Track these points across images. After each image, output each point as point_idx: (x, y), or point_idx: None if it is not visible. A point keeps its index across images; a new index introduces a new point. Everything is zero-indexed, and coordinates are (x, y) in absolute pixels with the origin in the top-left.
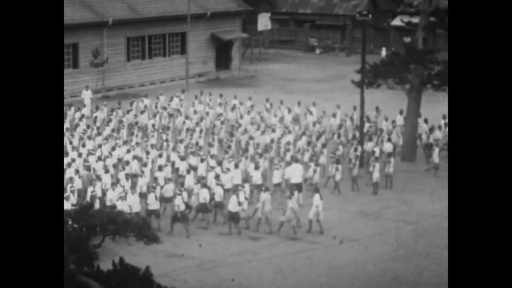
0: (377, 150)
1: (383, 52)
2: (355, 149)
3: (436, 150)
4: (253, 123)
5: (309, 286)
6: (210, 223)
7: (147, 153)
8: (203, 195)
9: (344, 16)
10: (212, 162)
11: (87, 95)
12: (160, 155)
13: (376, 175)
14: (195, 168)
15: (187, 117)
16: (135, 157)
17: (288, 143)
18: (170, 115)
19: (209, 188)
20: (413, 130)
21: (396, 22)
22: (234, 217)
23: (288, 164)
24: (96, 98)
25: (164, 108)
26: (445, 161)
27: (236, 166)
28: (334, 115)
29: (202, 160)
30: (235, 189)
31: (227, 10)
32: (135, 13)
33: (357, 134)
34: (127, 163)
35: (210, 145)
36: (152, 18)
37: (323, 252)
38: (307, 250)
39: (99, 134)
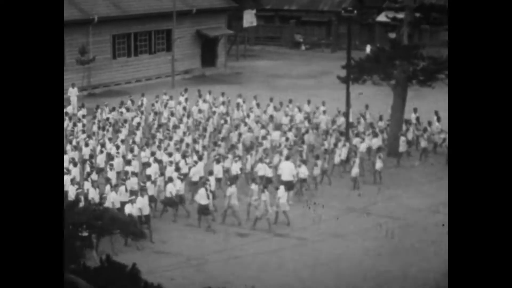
0: (363, 145)
1: (368, 48)
2: (344, 145)
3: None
4: (258, 121)
5: (296, 282)
6: (176, 216)
7: (131, 150)
8: (169, 189)
9: (329, 12)
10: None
11: (73, 93)
12: (132, 151)
13: (355, 170)
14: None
15: (172, 114)
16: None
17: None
18: (156, 113)
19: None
20: (399, 125)
21: (381, 18)
22: (203, 210)
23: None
24: (82, 95)
25: (153, 105)
26: (435, 157)
27: (200, 158)
28: (324, 112)
29: (184, 157)
30: (203, 182)
31: (213, 7)
32: (120, 10)
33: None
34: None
35: (216, 144)
36: (138, 15)
37: (310, 248)
38: (293, 246)
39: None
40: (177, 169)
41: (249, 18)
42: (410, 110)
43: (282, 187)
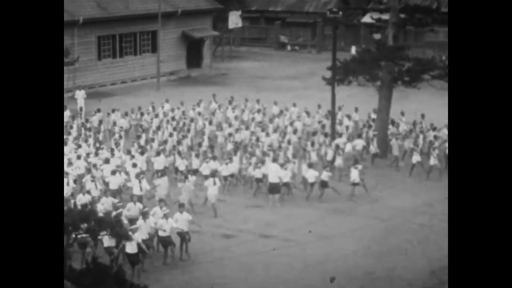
0: (348, 146)
1: (353, 49)
2: (329, 146)
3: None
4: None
5: (282, 284)
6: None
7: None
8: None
9: (315, 14)
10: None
11: (79, 95)
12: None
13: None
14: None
15: (157, 116)
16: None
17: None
18: (142, 114)
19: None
20: (384, 126)
21: (366, 19)
22: (114, 194)
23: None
24: (67, 97)
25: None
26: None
27: (142, 153)
28: (308, 114)
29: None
30: (139, 175)
31: (198, 8)
32: (105, 11)
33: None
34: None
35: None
36: (123, 16)
37: (296, 249)
38: (280, 248)
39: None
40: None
41: (235, 19)
42: (395, 111)
43: (211, 179)
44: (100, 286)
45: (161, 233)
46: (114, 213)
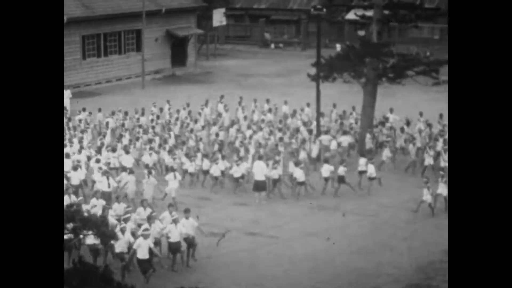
0: (333, 143)
1: (338, 47)
2: (314, 143)
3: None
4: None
5: (269, 281)
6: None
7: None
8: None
9: (299, 11)
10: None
11: (65, 95)
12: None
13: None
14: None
15: (143, 114)
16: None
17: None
18: (126, 113)
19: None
20: (369, 122)
21: (350, 15)
22: (105, 196)
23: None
24: None
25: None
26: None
27: (127, 152)
28: (295, 112)
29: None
30: (106, 172)
31: (182, 7)
32: (90, 10)
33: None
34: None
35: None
36: (107, 15)
37: (283, 246)
38: (266, 245)
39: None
40: (97, 160)
41: (219, 17)
42: (380, 108)
43: (171, 174)
44: (87, 286)
45: (171, 239)
46: (99, 213)
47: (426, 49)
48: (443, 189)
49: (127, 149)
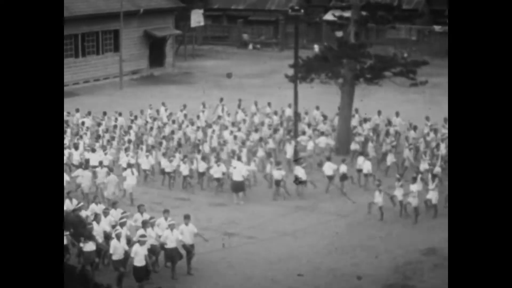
0: (310, 144)
1: (316, 48)
2: (290, 143)
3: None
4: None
5: (245, 282)
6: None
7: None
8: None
9: (277, 12)
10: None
11: None
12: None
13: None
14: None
15: (120, 114)
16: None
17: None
18: (104, 113)
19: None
20: (347, 123)
21: (328, 16)
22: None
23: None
24: None
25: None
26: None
27: (93, 150)
28: (276, 113)
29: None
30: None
31: (160, 7)
32: (67, 11)
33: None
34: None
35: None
36: (85, 15)
37: (259, 247)
38: (243, 245)
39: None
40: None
41: (197, 18)
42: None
43: (128, 170)
44: (64, 286)
45: (167, 245)
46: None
47: (404, 50)
48: (432, 195)
49: (93, 148)
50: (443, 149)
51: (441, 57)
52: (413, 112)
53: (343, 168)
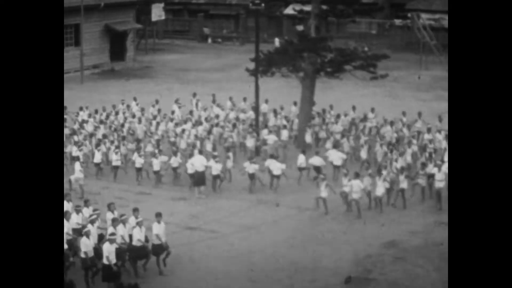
0: (271, 137)
1: (277, 42)
2: (252, 137)
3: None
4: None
5: (208, 275)
6: None
7: None
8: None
9: (238, 6)
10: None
11: None
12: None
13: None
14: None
15: (81, 109)
16: None
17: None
18: (65, 107)
19: None
20: (307, 117)
21: (289, 10)
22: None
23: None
24: None
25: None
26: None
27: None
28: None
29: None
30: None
31: (121, 1)
32: None
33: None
34: None
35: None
36: None
37: (221, 241)
38: (205, 239)
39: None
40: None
41: (158, 12)
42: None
43: (77, 163)
44: None
45: (135, 243)
46: None
47: (364, 44)
48: (403, 183)
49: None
50: (415, 146)
51: (401, 50)
52: (374, 105)
53: (317, 161)
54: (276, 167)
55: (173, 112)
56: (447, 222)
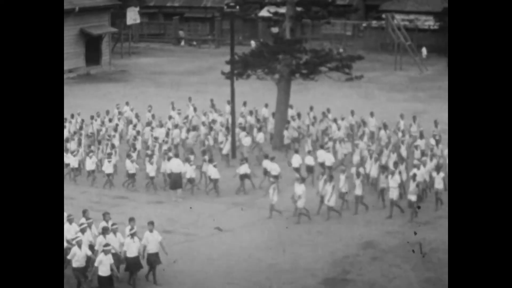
0: (247, 140)
1: (252, 44)
2: (227, 140)
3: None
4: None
5: (186, 278)
6: None
7: None
8: None
9: (213, 8)
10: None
11: None
12: None
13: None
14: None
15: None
16: None
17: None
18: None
19: None
20: (283, 119)
21: (264, 13)
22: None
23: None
24: None
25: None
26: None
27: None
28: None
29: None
30: None
31: (96, 5)
32: None
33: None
34: None
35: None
36: None
37: (199, 244)
38: (183, 242)
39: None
40: None
41: (133, 16)
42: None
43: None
44: None
45: (128, 254)
46: None
47: (339, 45)
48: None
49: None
50: (403, 151)
51: (376, 51)
52: (351, 106)
53: (309, 160)
54: (273, 167)
55: (170, 118)
56: (423, 222)
